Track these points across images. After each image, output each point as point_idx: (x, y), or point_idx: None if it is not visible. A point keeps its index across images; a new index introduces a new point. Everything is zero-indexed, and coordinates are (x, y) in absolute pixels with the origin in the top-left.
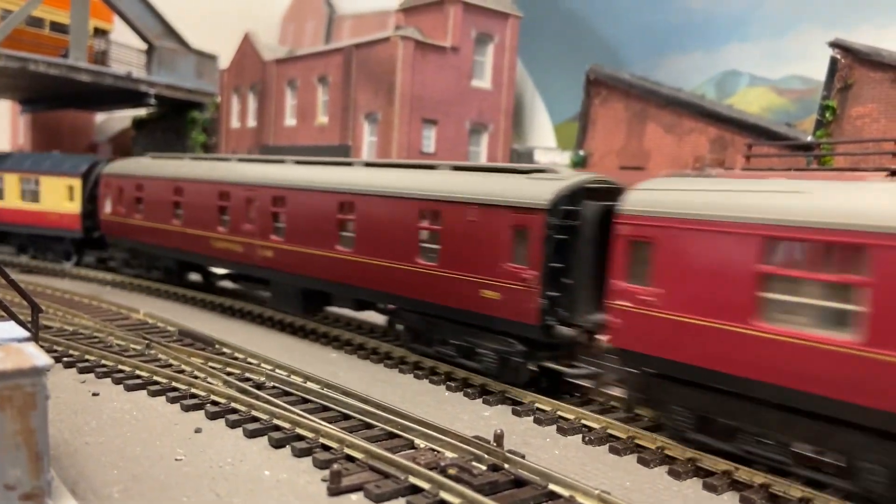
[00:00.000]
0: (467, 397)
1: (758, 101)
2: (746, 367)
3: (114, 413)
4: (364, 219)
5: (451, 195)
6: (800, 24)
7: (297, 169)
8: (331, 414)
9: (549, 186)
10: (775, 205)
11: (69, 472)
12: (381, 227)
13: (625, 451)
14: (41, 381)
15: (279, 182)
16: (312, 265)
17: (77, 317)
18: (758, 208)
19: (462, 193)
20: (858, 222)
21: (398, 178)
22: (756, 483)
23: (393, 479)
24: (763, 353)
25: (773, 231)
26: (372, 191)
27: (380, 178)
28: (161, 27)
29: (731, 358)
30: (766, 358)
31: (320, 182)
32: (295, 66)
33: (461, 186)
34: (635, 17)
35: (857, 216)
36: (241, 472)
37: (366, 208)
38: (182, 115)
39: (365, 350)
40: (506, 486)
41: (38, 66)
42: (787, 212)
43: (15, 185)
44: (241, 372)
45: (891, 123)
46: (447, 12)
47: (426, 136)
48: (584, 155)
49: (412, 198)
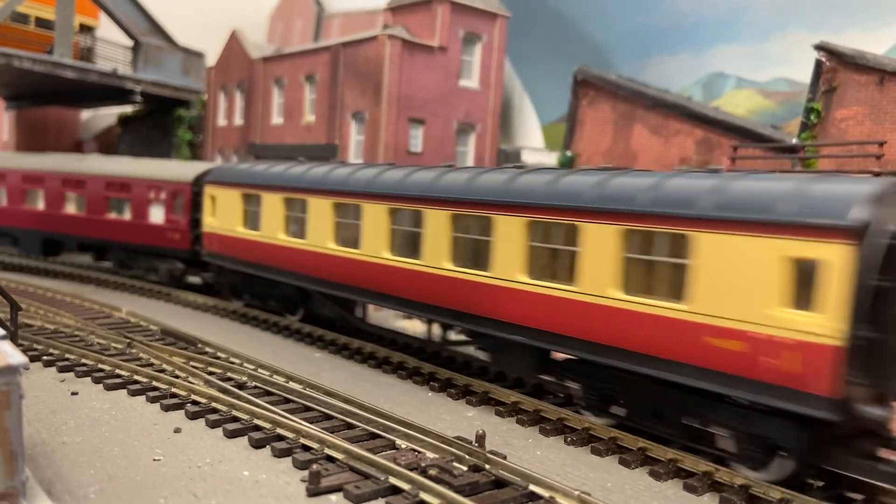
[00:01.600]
0: (450, 398)
1: (744, 104)
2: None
3: (92, 412)
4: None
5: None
6: (786, 27)
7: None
8: (312, 414)
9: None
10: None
11: (45, 473)
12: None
13: (606, 452)
14: (15, 379)
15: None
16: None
17: (58, 315)
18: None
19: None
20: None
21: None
22: (736, 484)
23: (373, 479)
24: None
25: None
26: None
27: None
28: (147, 24)
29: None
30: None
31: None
32: (282, 65)
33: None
34: (623, 19)
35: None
36: (220, 473)
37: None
38: (168, 112)
39: (349, 350)
40: (486, 486)
41: (23, 63)
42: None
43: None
44: (223, 372)
45: (875, 126)
46: (435, 12)
47: (413, 136)
48: (572, 156)
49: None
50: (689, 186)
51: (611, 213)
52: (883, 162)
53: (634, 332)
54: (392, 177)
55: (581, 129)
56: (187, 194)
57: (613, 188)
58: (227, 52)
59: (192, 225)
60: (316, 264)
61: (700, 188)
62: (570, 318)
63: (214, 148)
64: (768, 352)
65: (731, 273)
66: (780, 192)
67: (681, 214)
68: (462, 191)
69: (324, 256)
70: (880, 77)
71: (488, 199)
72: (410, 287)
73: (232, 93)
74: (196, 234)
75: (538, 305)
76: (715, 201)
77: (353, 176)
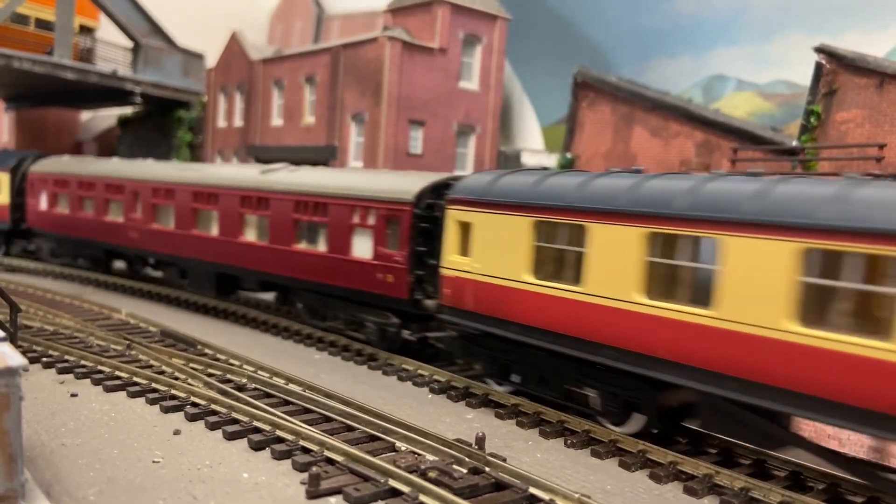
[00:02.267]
0: (450, 400)
1: (744, 106)
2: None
3: (92, 414)
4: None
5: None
6: (786, 30)
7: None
8: (312, 416)
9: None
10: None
11: (44, 474)
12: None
13: (606, 454)
14: (15, 381)
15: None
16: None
17: (58, 316)
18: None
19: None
20: None
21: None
22: (736, 487)
23: (372, 482)
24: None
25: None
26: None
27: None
28: (147, 25)
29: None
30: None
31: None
32: (282, 66)
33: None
34: (623, 21)
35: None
36: (220, 475)
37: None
38: (168, 113)
39: (349, 351)
40: (486, 489)
41: (23, 64)
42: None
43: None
44: (223, 373)
45: (875, 129)
46: (435, 13)
47: (413, 137)
48: (571, 157)
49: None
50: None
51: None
52: (883, 165)
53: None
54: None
55: (581, 131)
56: (406, 218)
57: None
58: (227, 54)
59: (413, 262)
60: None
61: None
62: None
63: (214, 149)
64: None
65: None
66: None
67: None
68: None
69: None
70: (880, 80)
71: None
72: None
73: (232, 94)
74: (418, 275)
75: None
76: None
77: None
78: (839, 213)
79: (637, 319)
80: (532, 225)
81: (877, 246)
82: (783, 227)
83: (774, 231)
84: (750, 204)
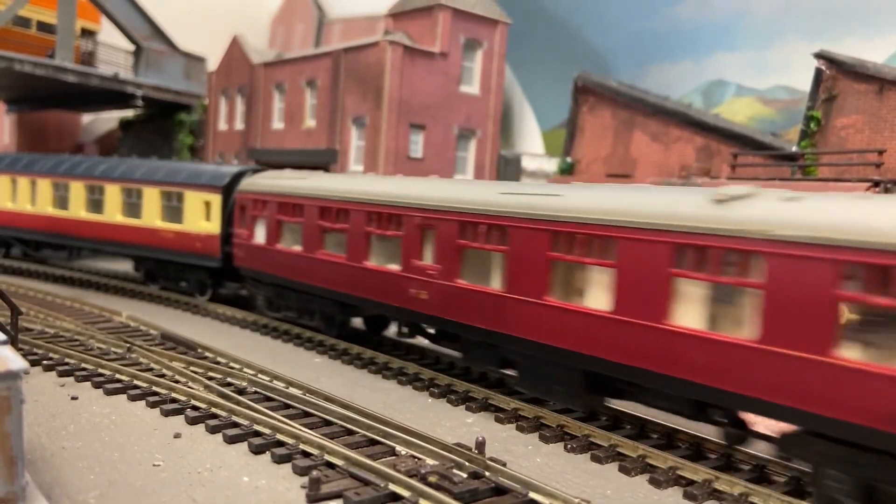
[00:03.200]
0: (450, 403)
1: (744, 111)
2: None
3: (92, 417)
4: None
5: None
6: (786, 35)
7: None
8: (312, 420)
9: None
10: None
11: (45, 477)
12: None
13: (606, 459)
14: (16, 384)
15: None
16: None
17: (59, 319)
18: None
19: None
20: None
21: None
22: (736, 492)
23: (373, 486)
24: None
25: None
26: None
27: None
28: (149, 28)
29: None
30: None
31: None
32: (283, 70)
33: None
34: (624, 26)
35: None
36: (220, 479)
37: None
38: (169, 116)
39: (349, 355)
40: (486, 494)
41: (24, 66)
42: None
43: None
44: (223, 377)
45: (874, 135)
46: (436, 18)
47: (413, 141)
48: (572, 162)
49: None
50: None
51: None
52: (882, 170)
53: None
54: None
55: (581, 136)
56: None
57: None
58: (229, 57)
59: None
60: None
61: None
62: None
63: (215, 152)
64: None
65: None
66: None
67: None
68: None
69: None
70: (880, 86)
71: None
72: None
73: (233, 97)
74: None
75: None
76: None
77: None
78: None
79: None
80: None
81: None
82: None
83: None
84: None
